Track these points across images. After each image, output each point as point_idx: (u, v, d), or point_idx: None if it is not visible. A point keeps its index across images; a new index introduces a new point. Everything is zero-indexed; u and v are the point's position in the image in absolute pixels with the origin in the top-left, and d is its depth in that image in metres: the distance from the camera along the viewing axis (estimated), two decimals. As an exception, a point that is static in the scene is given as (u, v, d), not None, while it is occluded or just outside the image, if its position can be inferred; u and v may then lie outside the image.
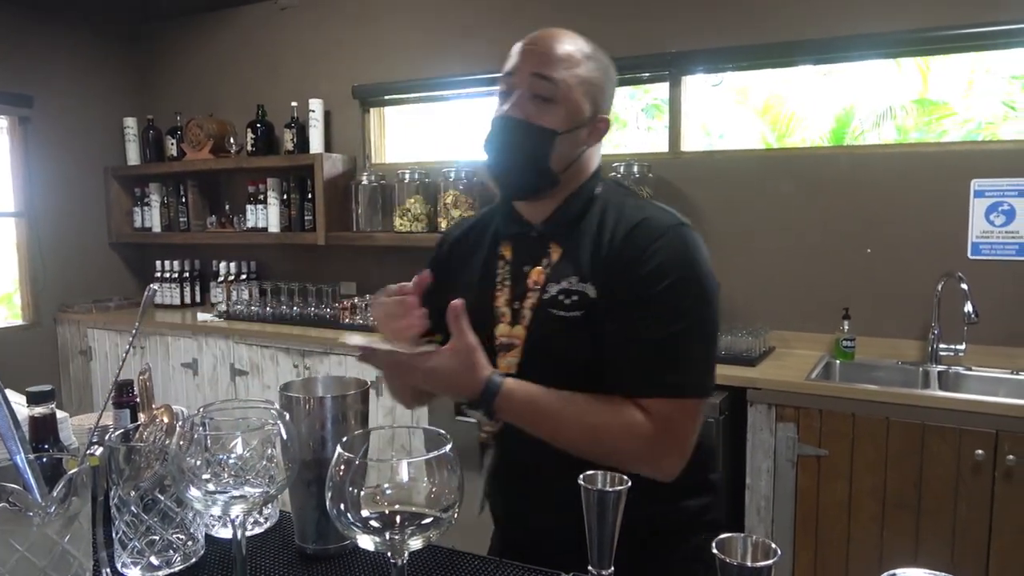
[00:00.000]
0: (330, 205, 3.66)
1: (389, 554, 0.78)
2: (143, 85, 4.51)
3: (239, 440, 0.92)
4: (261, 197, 3.88)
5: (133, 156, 4.31)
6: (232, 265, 4.05)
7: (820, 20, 2.79)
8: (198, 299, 4.26)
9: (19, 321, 4.09)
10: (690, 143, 3.14)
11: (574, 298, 1.13)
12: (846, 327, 2.72)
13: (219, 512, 0.93)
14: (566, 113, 1.15)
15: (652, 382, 1.08)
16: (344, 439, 0.81)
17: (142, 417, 1.15)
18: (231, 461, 0.92)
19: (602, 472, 0.87)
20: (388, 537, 0.77)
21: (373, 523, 0.77)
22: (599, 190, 1.22)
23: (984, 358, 2.60)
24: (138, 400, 1.16)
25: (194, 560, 1.05)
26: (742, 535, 0.72)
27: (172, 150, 4.22)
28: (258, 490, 0.90)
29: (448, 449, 0.78)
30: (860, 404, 2.28)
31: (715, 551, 0.71)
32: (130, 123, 4.28)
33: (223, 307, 3.85)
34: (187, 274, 4.22)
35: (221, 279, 4.03)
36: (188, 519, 1.04)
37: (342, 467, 0.77)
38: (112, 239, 4.38)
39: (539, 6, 3.26)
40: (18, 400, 1.10)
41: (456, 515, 0.79)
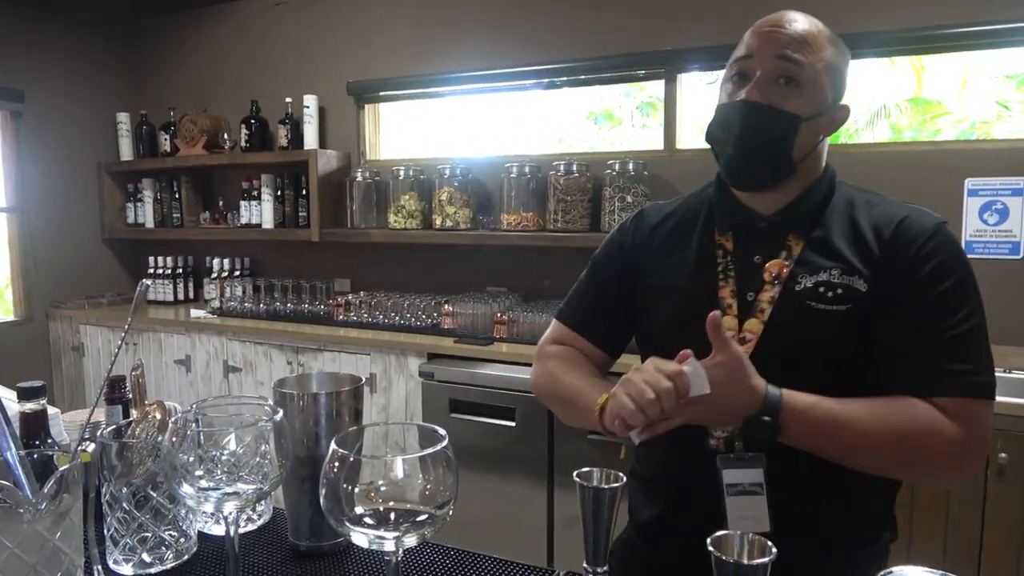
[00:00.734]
0: (324, 202, 3.65)
1: (383, 551, 0.78)
2: (136, 80, 4.48)
3: (232, 436, 0.91)
4: (255, 193, 3.87)
5: (126, 151, 4.28)
6: (226, 261, 4.04)
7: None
8: (191, 296, 4.24)
9: (11, 317, 4.07)
10: (686, 141, 3.14)
11: (838, 291, 1.08)
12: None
13: (212, 509, 0.92)
14: (810, 98, 1.10)
15: (955, 382, 1.04)
16: (338, 435, 0.81)
17: (134, 413, 1.14)
18: (224, 457, 0.91)
19: (598, 469, 0.87)
20: (382, 534, 0.77)
21: (367, 520, 0.77)
22: (839, 180, 1.18)
23: (977, 356, 2.60)
24: (130, 396, 1.16)
25: (186, 557, 1.05)
26: (737, 533, 0.72)
27: (165, 146, 4.19)
28: (251, 487, 0.90)
29: (443, 445, 0.78)
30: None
31: (710, 548, 0.71)
32: (123, 118, 4.26)
33: (216, 303, 3.84)
34: (180, 270, 4.20)
35: (215, 275, 4.02)
36: (181, 516, 1.04)
37: (336, 463, 0.76)
38: (105, 235, 4.36)
39: (535, 3, 3.25)
40: (9, 396, 1.09)
41: (451, 512, 0.79)
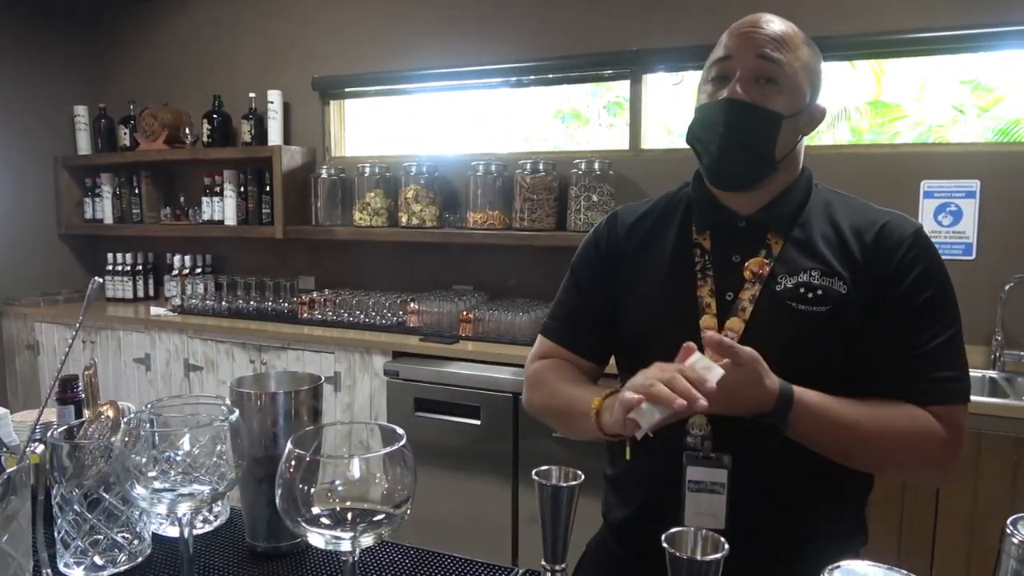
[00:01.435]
0: (288, 198, 3.61)
1: (340, 551, 0.77)
2: (95, 72, 4.37)
3: (187, 437, 0.90)
4: (217, 189, 3.80)
5: (84, 145, 4.18)
6: (187, 258, 3.97)
7: (778, 21, 2.83)
8: (152, 293, 4.16)
9: (-38, 314, 3.96)
10: (651, 141, 3.17)
11: (818, 292, 1.09)
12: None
13: (165, 511, 0.91)
14: (790, 97, 1.12)
15: (942, 389, 1.07)
16: (295, 435, 0.80)
17: (87, 413, 1.12)
18: (179, 458, 0.90)
19: (556, 468, 0.87)
20: (338, 534, 0.76)
21: (324, 520, 0.77)
22: (816, 182, 1.20)
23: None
24: (83, 396, 1.13)
25: (140, 560, 1.03)
26: (692, 529, 0.73)
27: (125, 140, 4.10)
28: (207, 487, 0.89)
29: (400, 445, 0.78)
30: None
31: (665, 545, 0.71)
32: (81, 111, 4.15)
33: (177, 301, 3.77)
34: (140, 267, 4.12)
35: (175, 272, 3.95)
36: (134, 518, 1.02)
37: (292, 463, 0.76)
38: (61, 231, 4.25)
39: (503, 1, 3.24)
40: (-45, 396, 1.06)
41: (409, 511, 0.79)
